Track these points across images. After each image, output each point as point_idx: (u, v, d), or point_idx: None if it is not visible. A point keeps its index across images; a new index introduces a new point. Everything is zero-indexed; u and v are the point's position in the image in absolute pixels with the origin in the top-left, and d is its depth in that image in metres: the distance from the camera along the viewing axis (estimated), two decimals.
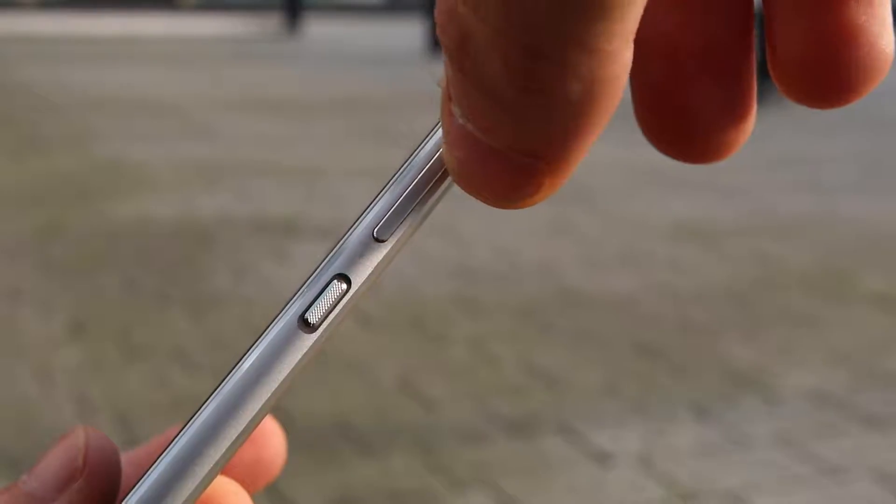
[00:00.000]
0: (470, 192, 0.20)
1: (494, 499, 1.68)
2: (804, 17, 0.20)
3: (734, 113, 0.22)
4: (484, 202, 0.21)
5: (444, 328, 2.46)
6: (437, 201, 0.22)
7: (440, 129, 0.22)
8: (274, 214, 3.53)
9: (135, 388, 2.09)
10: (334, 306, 0.22)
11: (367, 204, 0.22)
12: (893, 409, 2.04)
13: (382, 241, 0.22)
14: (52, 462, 0.25)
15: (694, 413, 2.00)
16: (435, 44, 10.06)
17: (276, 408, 0.22)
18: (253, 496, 0.27)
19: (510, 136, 0.19)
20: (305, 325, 0.22)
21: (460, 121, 0.19)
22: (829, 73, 0.21)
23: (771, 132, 5.51)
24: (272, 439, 0.29)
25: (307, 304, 0.22)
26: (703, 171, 4.44)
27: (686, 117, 0.22)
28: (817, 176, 4.39)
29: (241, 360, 0.22)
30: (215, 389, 0.22)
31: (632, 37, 0.18)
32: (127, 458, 0.27)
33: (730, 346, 2.35)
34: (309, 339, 0.22)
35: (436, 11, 0.19)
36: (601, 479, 1.75)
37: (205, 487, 0.22)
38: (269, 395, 0.22)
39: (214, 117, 5.78)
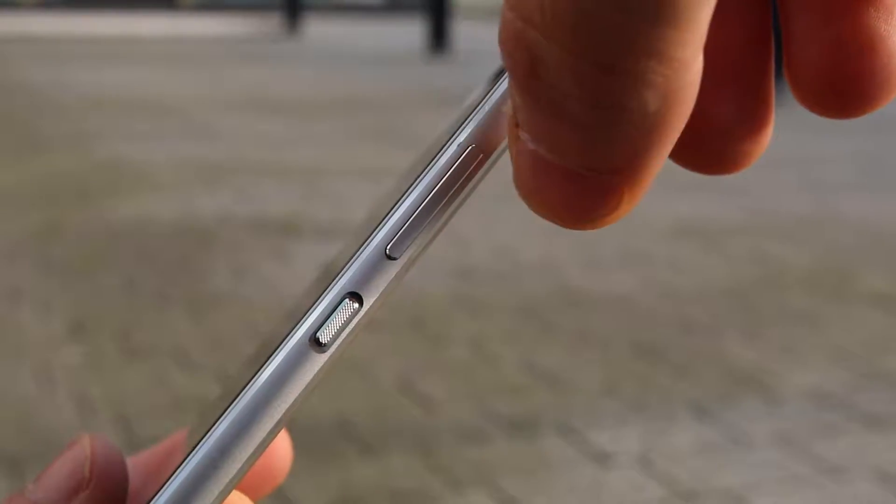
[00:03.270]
0: (547, 217, 0.20)
1: (494, 499, 1.68)
2: (822, 24, 0.20)
3: (752, 122, 0.21)
4: (563, 226, 0.20)
5: (443, 328, 2.46)
6: (451, 217, 0.22)
7: (455, 143, 0.22)
8: (274, 214, 3.53)
9: (135, 388, 2.09)
10: (346, 325, 0.21)
11: (380, 219, 0.22)
12: (894, 409, 2.04)
13: (395, 259, 0.22)
14: (58, 471, 0.25)
15: (694, 413, 2.00)
16: (435, 45, 10.06)
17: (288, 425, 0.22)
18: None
19: (584, 155, 0.18)
20: (317, 344, 0.21)
21: (530, 146, 0.19)
22: (846, 82, 0.20)
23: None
24: (279, 445, 0.29)
25: (319, 323, 0.21)
26: None
27: (702, 128, 0.21)
28: (818, 175, 4.39)
29: (252, 379, 0.21)
30: (227, 409, 0.21)
31: (702, 43, 0.17)
32: (133, 463, 0.27)
33: (730, 346, 2.35)
34: (320, 360, 0.21)
35: (500, 38, 0.18)
36: (601, 479, 1.75)
37: None
38: (281, 416, 0.21)
39: (214, 117, 5.78)
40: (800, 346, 2.36)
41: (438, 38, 10.08)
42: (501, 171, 0.23)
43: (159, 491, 0.21)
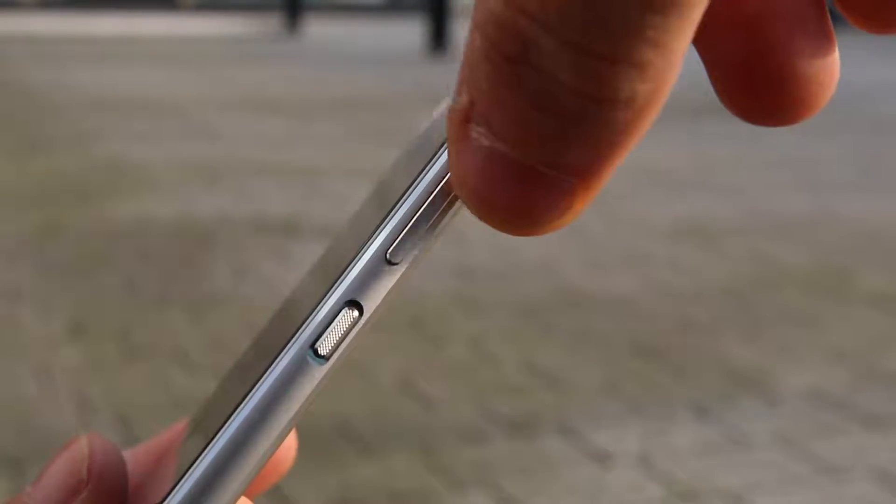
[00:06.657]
0: (490, 221, 0.19)
1: (494, 499, 1.68)
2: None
3: (825, 51, 0.22)
4: (504, 230, 0.19)
5: (443, 328, 2.46)
6: (453, 218, 0.21)
7: None
8: (274, 214, 3.53)
9: (135, 388, 2.09)
10: (346, 336, 0.21)
11: (377, 223, 0.21)
12: (893, 409, 2.04)
13: (395, 265, 0.20)
14: (56, 473, 0.25)
15: (694, 413, 2.00)
16: (435, 45, 10.06)
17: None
18: (253, 497, 0.27)
19: (553, 150, 0.18)
20: (315, 355, 0.21)
21: (486, 142, 0.18)
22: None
23: (769, 132, 5.50)
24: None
25: (317, 333, 0.21)
26: (703, 172, 4.44)
27: (789, 77, 0.21)
28: (815, 175, 4.39)
29: (250, 392, 0.21)
30: (225, 423, 0.21)
31: (692, 36, 0.18)
32: (134, 455, 0.27)
33: (729, 346, 2.35)
34: (320, 371, 0.21)
35: (477, 22, 0.18)
36: (601, 479, 1.75)
37: None
38: (282, 429, 0.21)
39: (214, 117, 5.78)
40: (798, 346, 2.36)
41: (438, 38, 10.09)
42: None
43: (163, 501, 0.21)
